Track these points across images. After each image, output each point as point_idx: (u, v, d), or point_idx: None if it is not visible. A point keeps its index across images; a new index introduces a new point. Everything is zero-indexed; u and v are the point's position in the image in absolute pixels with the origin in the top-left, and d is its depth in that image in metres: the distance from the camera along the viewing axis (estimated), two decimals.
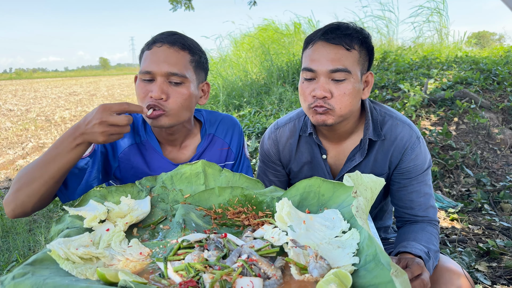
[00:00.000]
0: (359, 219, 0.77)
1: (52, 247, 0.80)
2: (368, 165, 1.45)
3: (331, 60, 1.27)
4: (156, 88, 1.26)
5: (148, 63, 1.29)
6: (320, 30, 1.33)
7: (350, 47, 1.28)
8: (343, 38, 1.28)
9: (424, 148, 1.42)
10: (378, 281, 0.69)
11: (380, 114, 1.44)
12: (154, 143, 1.44)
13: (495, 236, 2.65)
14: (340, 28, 1.30)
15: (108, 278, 0.72)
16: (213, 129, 1.56)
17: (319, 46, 1.30)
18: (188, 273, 0.75)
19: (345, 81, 1.28)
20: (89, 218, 0.95)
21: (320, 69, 1.28)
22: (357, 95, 1.33)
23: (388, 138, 1.41)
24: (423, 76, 5.66)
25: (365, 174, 0.95)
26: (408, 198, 1.42)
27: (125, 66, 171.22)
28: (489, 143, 4.09)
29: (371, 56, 1.38)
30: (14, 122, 9.53)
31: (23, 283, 0.68)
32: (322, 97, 1.29)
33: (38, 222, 3.42)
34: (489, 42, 14.87)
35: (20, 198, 1.12)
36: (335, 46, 1.28)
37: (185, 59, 1.32)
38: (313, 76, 1.31)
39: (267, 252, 0.84)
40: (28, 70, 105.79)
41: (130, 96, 16.42)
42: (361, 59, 1.32)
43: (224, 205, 1.14)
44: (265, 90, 7.17)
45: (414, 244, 1.24)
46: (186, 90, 1.31)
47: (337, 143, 1.49)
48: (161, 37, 1.33)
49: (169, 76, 1.28)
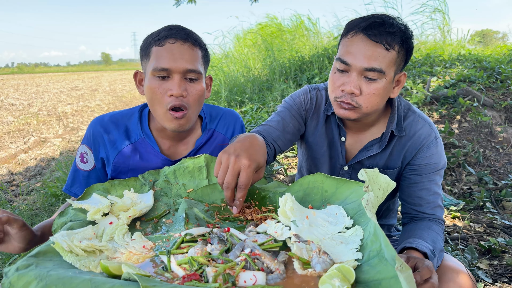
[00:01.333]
0: (368, 211, 0.77)
1: (55, 239, 0.80)
2: (384, 158, 1.45)
3: (367, 58, 1.23)
4: (176, 85, 1.25)
5: (164, 60, 1.26)
6: (364, 20, 1.27)
7: (390, 47, 1.24)
8: (385, 36, 1.23)
9: (441, 149, 1.42)
10: (382, 277, 0.69)
11: (404, 110, 1.44)
12: (151, 141, 1.42)
13: (496, 234, 2.65)
14: (385, 24, 1.24)
15: (111, 270, 0.72)
16: (214, 125, 1.55)
17: (359, 40, 1.25)
18: (191, 266, 0.75)
19: (377, 81, 1.25)
20: (92, 211, 0.95)
21: (355, 64, 1.25)
22: (386, 95, 1.31)
23: (407, 133, 1.41)
24: (425, 74, 5.64)
25: (381, 174, 0.94)
26: (417, 195, 1.41)
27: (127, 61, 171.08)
28: (492, 141, 4.08)
29: (409, 56, 1.34)
30: (16, 117, 9.54)
31: (26, 275, 0.68)
32: (351, 93, 1.27)
33: (40, 216, 3.43)
34: (493, 41, 14.80)
35: None
36: (374, 44, 1.23)
37: (198, 55, 1.32)
38: (346, 69, 1.28)
39: (270, 246, 0.84)
40: (30, 65, 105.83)
41: (132, 92, 16.42)
42: (398, 60, 1.28)
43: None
44: (267, 87, 7.16)
45: (420, 241, 1.23)
46: (201, 86, 1.33)
47: (356, 132, 1.49)
48: (172, 33, 1.30)
49: (187, 73, 1.28)
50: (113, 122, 1.43)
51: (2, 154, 5.97)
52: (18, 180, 4.65)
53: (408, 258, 1.09)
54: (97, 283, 0.65)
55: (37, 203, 3.79)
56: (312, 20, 8.62)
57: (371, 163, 1.48)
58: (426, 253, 1.18)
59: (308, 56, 7.41)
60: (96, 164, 1.43)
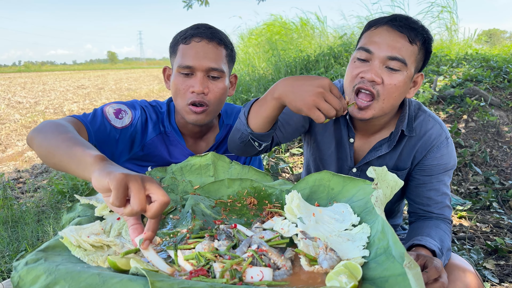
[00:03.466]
0: (378, 208, 0.77)
1: (64, 234, 0.80)
2: (393, 158, 1.43)
3: (392, 47, 1.22)
4: (198, 83, 1.32)
5: (189, 58, 1.32)
6: (388, 16, 1.28)
7: (413, 41, 1.24)
8: (409, 29, 1.23)
9: (452, 149, 1.40)
10: (389, 274, 0.69)
11: (414, 109, 1.43)
12: (178, 135, 1.48)
13: (503, 235, 2.63)
14: (409, 20, 1.26)
15: (119, 266, 0.73)
16: (230, 120, 1.61)
17: (384, 30, 1.25)
18: (198, 262, 0.75)
19: (399, 72, 1.24)
20: (100, 207, 0.96)
21: (378, 52, 1.23)
22: (404, 92, 1.29)
23: (417, 133, 1.39)
24: (432, 73, 5.61)
25: (390, 172, 0.93)
26: (426, 195, 1.40)
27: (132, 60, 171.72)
28: (499, 141, 4.05)
29: (427, 59, 1.34)
30: (23, 114, 9.61)
31: (36, 269, 0.69)
32: (371, 81, 1.24)
33: (46, 213, 3.45)
34: (500, 40, 14.68)
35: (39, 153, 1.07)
36: (399, 34, 1.23)
37: (222, 54, 1.38)
38: (367, 58, 1.26)
39: (276, 243, 0.84)
40: (36, 63, 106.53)
41: (137, 90, 16.47)
42: (418, 57, 1.28)
43: (233, 197, 1.14)
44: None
45: (428, 239, 1.23)
46: (223, 84, 1.39)
47: (365, 133, 1.47)
48: (198, 32, 1.35)
49: (209, 71, 1.34)
50: (153, 107, 1.49)
51: (9, 152, 6.02)
52: (25, 177, 4.69)
53: (417, 256, 1.09)
54: (105, 278, 0.65)
55: (43, 200, 3.82)
56: (320, 18, 8.60)
57: (380, 164, 1.45)
58: (434, 251, 1.18)
59: (313, 55, 7.40)
60: (133, 120, 1.39)
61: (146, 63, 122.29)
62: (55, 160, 0.99)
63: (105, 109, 1.36)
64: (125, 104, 1.42)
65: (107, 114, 1.34)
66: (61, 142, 0.99)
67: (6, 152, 5.99)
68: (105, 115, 1.34)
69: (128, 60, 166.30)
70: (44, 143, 1.03)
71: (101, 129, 1.31)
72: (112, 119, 1.35)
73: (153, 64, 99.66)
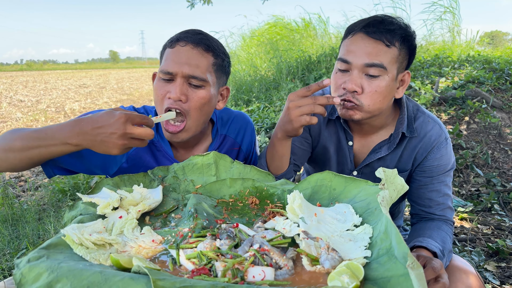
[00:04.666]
0: (383, 208, 0.77)
1: (66, 232, 0.80)
2: (394, 160, 1.43)
3: (367, 54, 1.23)
4: (175, 89, 1.22)
5: (170, 63, 1.24)
6: (363, 21, 1.29)
7: (391, 44, 1.24)
8: (384, 33, 1.23)
9: (450, 150, 1.41)
10: (391, 274, 0.68)
11: (413, 111, 1.42)
12: (165, 145, 1.39)
13: (504, 236, 2.63)
14: (384, 22, 1.25)
15: (122, 264, 0.73)
16: (225, 130, 1.52)
17: (358, 38, 1.26)
18: (200, 261, 0.75)
19: (379, 77, 1.25)
20: (102, 205, 0.96)
21: (355, 61, 1.24)
22: (390, 94, 1.29)
23: (417, 134, 1.39)
24: (434, 75, 5.60)
25: (399, 176, 0.92)
26: (427, 197, 1.40)
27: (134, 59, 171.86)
28: (500, 143, 4.04)
29: (412, 56, 1.33)
30: (25, 113, 9.62)
31: (38, 266, 0.69)
32: (352, 91, 1.26)
33: (47, 211, 3.46)
34: (502, 42, 14.66)
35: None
36: (374, 41, 1.24)
37: (208, 62, 1.27)
38: (347, 68, 1.28)
39: (278, 242, 0.84)
40: (38, 62, 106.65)
41: (139, 90, 16.49)
42: (400, 57, 1.28)
43: (235, 196, 1.14)
44: (274, 86, 7.16)
45: (429, 240, 1.23)
46: (206, 93, 1.27)
47: (363, 135, 1.47)
48: (185, 36, 1.27)
49: (189, 78, 1.24)
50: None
51: None
52: (26, 175, 4.70)
53: (418, 256, 1.09)
54: (108, 276, 0.65)
55: (44, 198, 3.83)
56: (323, 18, 8.60)
57: (381, 166, 1.45)
58: (435, 252, 1.18)
59: (315, 56, 7.40)
60: None
61: (148, 63, 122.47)
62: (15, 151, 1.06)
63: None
64: None
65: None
66: (14, 135, 1.08)
67: None
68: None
69: (130, 60, 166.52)
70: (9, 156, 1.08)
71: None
72: None
73: (155, 64, 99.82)
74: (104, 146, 1.00)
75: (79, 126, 1.01)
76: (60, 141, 1.02)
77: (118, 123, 0.98)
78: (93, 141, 1.00)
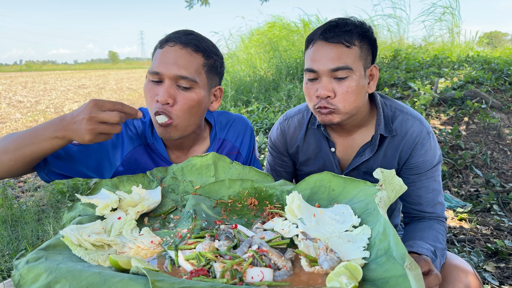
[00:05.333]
0: (381, 209, 0.77)
1: (65, 233, 0.81)
2: (378, 160, 1.45)
3: (331, 59, 1.26)
4: (163, 91, 1.19)
5: (157, 64, 1.21)
6: (320, 28, 1.32)
7: (350, 44, 1.27)
8: (342, 35, 1.27)
9: (435, 143, 1.41)
10: (389, 275, 0.69)
11: (390, 110, 1.43)
12: (160, 147, 1.37)
13: (503, 237, 2.63)
14: (339, 25, 1.29)
15: (121, 265, 0.73)
16: (224, 134, 1.50)
17: (319, 46, 1.30)
18: (199, 262, 0.76)
19: (348, 78, 1.28)
20: (101, 206, 0.96)
21: (321, 68, 1.28)
22: (362, 91, 1.32)
23: (398, 133, 1.40)
24: (433, 75, 5.61)
25: (397, 176, 0.93)
26: (416, 194, 1.41)
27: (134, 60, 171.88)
28: (499, 143, 4.05)
29: (374, 49, 1.36)
30: (24, 114, 9.62)
31: (37, 267, 0.69)
32: (326, 97, 1.29)
33: (46, 212, 3.46)
34: (501, 43, 14.68)
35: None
36: (334, 45, 1.27)
37: (197, 62, 1.24)
38: (315, 76, 1.32)
39: (277, 243, 0.84)
40: (38, 62, 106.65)
41: (138, 90, 16.49)
42: (363, 54, 1.31)
43: (234, 197, 1.14)
44: (274, 86, 7.16)
45: (420, 243, 1.23)
46: (195, 95, 1.24)
47: (346, 136, 1.48)
48: (175, 36, 1.25)
49: (178, 79, 1.20)
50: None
51: None
52: (25, 176, 4.69)
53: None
54: (106, 277, 0.66)
55: (43, 199, 3.83)
56: (320, 19, 8.61)
57: (366, 167, 1.47)
58: (427, 256, 1.18)
59: None
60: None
61: (147, 63, 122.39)
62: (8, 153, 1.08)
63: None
64: None
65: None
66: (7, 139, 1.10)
67: None
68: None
69: (129, 60, 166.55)
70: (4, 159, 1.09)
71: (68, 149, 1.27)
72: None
73: None
74: (78, 133, 1.03)
75: (63, 118, 1.05)
76: (48, 135, 1.06)
77: (86, 108, 1.01)
78: (72, 130, 1.03)
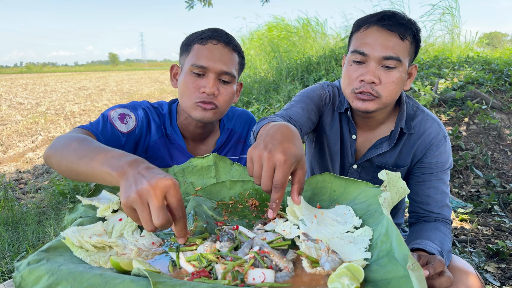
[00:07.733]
0: (385, 209, 0.77)
1: (66, 234, 0.80)
2: (393, 156, 1.46)
3: (385, 47, 1.26)
4: (210, 84, 1.34)
5: (204, 59, 1.34)
6: (375, 15, 1.31)
7: (404, 37, 1.27)
8: (398, 26, 1.27)
9: (449, 148, 1.44)
10: (391, 276, 0.68)
11: (412, 108, 1.46)
12: (179, 137, 1.48)
13: (504, 238, 2.63)
14: (396, 16, 1.29)
15: (122, 266, 0.73)
16: (231, 124, 1.62)
17: (374, 31, 1.29)
18: (200, 263, 0.75)
19: (395, 69, 1.28)
20: (102, 208, 0.96)
21: (373, 54, 1.27)
22: (402, 85, 1.34)
23: (416, 131, 1.43)
24: (433, 76, 5.61)
25: (402, 180, 0.92)
26: (425, 193, 1.42)
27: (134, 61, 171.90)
28: (500, 144, 4.05)
29: (417, 50, 1.38)
30: (25, 115, 9.62)
31: (38, 269, 0.69)
32: (371, 82, 1.29)
33: (47, 214, 3.45)
34: (501, 43, 14.68)
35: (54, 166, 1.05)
36: (390, 33, 1.27)
37: (235, 60, 1.41)
38: (363, 60, 1.30)
39: (278, 244, 0.84)
40: (38, 64, 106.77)
41: (139, 92, 16.49)
42: (410, 51, 1.32)
43: (235, 198, 1.14)
44: (274, 88, 7.16)
45: (428, 242, 1.23)
46: (232, 89, 1.41)
47: (367, 130, 1.50)
48: (216, 35, 1.38)
49: (222, 74, 1.36)
50: (155, 109, 1.49)
51: (11, 153, 6.03)
52: (26, 178, 4.69)
53: (419, 256, 1.09)
54: (108, 278, 0.65)
55: (44, 201, 3.83)
56: (320, 21, 8.61)
57: (381, 161, 1.48)
58: (434, 254, 1.18)
59: (315, 58, 7.40)
60: (136, 125, 1.38)
61: (147, 65, 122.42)
62: (80, 178, 0.98)
63: (110, 115, 1.34)
64: (127, 107, 1.41)
65: (112, 120, 1.33)
66: (79, 159, 0.95)
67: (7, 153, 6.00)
68: (111, 121, 1.33)
69: (130, 62, 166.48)
70: (63, 162, 1.01)
71: (111, 137, 1.31)
72: (118, 124, 1.35)
73: (155, 66, 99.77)
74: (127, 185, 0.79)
75: (137, 164, 0.83)
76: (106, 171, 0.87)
77: (161, 180, 0.76)
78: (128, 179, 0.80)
